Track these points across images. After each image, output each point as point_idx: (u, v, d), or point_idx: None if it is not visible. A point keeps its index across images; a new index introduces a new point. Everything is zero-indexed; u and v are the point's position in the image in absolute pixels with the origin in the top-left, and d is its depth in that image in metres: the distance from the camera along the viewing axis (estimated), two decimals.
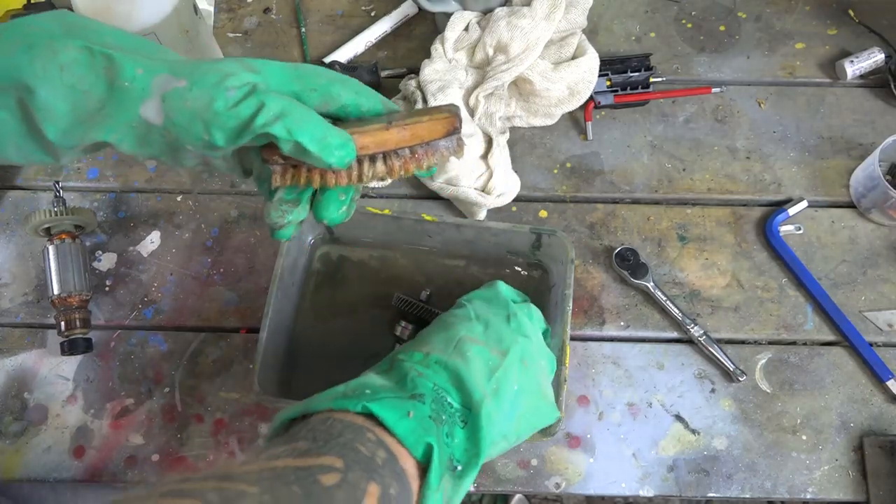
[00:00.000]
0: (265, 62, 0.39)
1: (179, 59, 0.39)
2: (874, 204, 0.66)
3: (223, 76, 0.36)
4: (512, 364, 0.45)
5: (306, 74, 0.39)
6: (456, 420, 0.41)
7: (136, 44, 0.40)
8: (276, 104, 0.36)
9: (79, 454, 0.60)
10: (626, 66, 0.71)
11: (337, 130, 0.37)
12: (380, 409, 0.39)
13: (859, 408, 0.61)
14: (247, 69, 0.38)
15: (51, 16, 0.39)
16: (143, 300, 0.65)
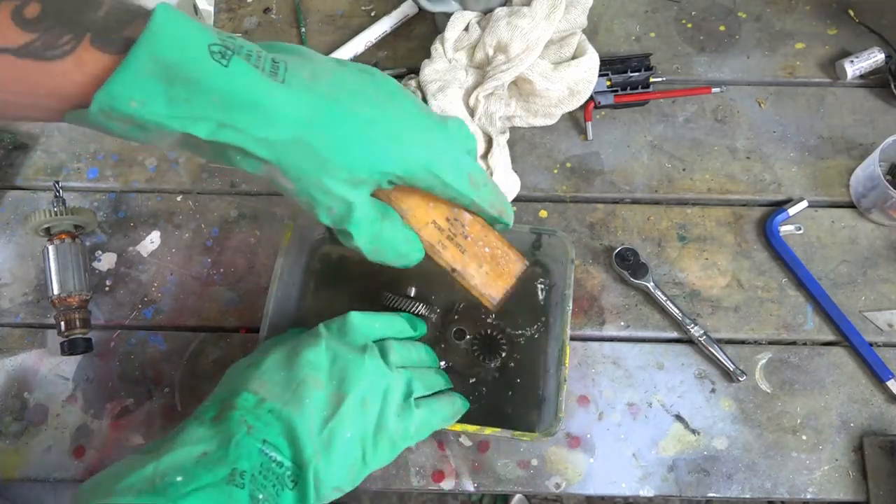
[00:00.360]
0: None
1: (290, 140, 0.38)
2: (874, 204, 0.66)
3: (327, 195, 0.40)
4: (349, 410, 0.43)
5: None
6: (285, 482, 0.40)
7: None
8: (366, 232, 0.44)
9: (79, 454, 0.60)
10: (626, 66, 0.71)
11: (414, 257, 0.47)
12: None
13: (859, 408, 0.61)
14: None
15: None
16: (142, 300, 0.65)
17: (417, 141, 0.41)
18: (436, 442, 0.60)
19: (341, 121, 0.39)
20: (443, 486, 0.59)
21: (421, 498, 1.31)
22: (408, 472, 0.60)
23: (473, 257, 0.49)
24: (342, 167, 0.39)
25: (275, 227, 0.67)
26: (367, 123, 0.39)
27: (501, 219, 0.48)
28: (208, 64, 0.34)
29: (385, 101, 0.41)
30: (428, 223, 0.47)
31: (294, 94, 0.37)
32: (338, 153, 0.38)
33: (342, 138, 0.38)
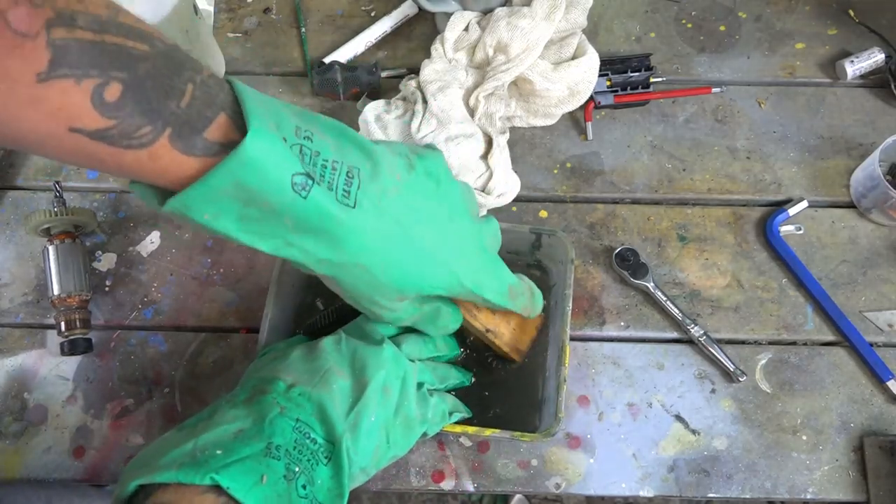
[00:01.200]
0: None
1: (350, 264, 0.40)
2: (874, 204, 0.66)
3: (373, 305, 0.44)
4: (372, 396, 0.45)
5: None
6: (319, 458, 0.41)
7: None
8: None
9: (79, 454, 0.60)
10: (626, 66, 0.71)
11: (453, 325, 0.51)
12: (229, 480, 0.37)
13: (859, 408, 0.61)
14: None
15: None
16: (142, 300, 0.65)
17: (464, 268, 0.44)
18: (436, 442, 0.60)
19: (401, 249, 0.40)
20: (443, 486, 0.59)
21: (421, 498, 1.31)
22: (408, 472, 0.60)
23: (503, 317, 0.54)
24: (394, 290, 0.42)
25: None
26: (424, 254, 0.42)
27: (525, 315, 0.53)
28: (289, 196, 0.34)
29: (446, 223, 0.43)
30: None
31: (362, 221, 0.38)
32: (393, 279, 0.41)
33: (399, 266, 0.41)
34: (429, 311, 0.48)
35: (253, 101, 0.34)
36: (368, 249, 0.39)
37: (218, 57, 0.71)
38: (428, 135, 0.63)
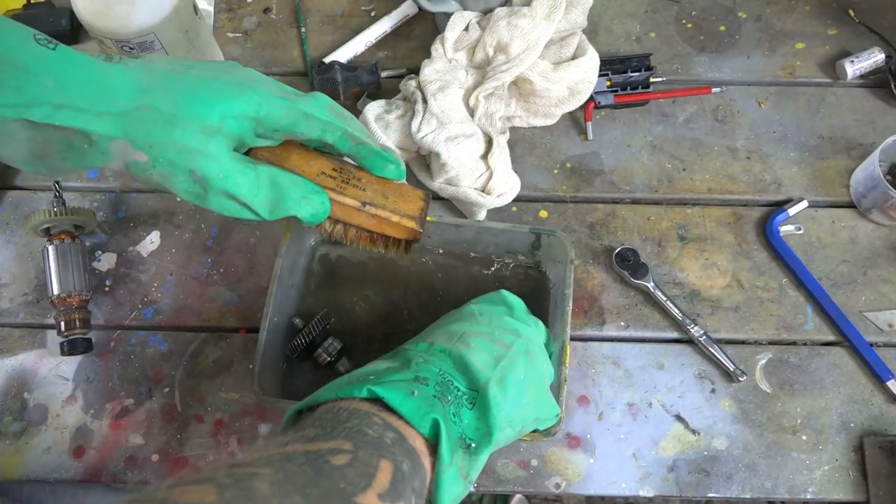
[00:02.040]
0: (226, 109, 0.39)
1: (133, 108, 0.37)
2: (874, 204, 0.66)
3: (183, 154, 0.38)
4: (517, 355, 0.45)
5: (262, 117, 0.40)
6: (463, 402, 0.41)
7: (87, 88, 0.38)
8: (234, 187, 0.40)
9: (79, 454, 0.60)
10: (626, 66, 0.71)
11: (317, 199, 0.43)
12: (384, 391, 0.39)
13: (859, 408, 0.61)
14: (204, 132, 0.38)
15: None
16: (142, 300, 0.65)
17: (266, 85, 0.40)
18: None
19: (182, 80, 0.38)
20: None
21: None
22: None
23: (375, 193, 0.46)
24: (191, 118, 0.37)
25: (274, 228, 0.67)
26: (209, 80, 0.39)
27: (386, 154, 0.44)
28: (35, 48, 0.35)
29: (227, 69, 0.41)
30: (318, 174, 0.44)
31: (129, 71, 0.37)
32: (183, 108, 0.37)
33: (185, 93, 0.37)
34: (269, 175, 0.41)
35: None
36: (145, 88, 0.37)
37: (218, 57, 0.71)
38: (428, 134, 0.63)
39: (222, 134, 0.38)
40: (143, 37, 0.58)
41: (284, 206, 0.41)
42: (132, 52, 0.60)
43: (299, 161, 0.44)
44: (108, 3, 0.57)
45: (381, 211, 0.45)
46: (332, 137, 0.42)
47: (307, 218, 0.43)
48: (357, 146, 0.43)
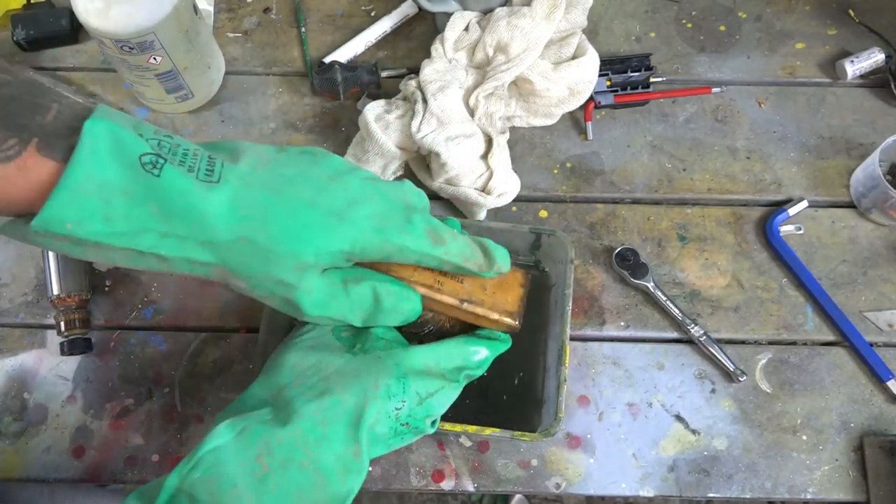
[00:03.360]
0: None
1: (233, 240, 0.37)
2: (874, 204, 0.66)
3: (279, 286, 0.39)
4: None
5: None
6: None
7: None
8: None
9: (79, 454, 0.60)
10: (626, 66, 0.71)
11: (407, 306, 0.43)
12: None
13: (859, 408, 0.61)
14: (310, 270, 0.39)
15: None
16: (142, 300, 0.65)
17: (362, 213, 0.39)
18: (436, 442, 0.60)
19: (280, 210, 0.38)
20: (443, 486, 0.59)
21: (421, 498, 1.31)
22: (408, 472, 0.60)
23: (474, 285, 0.45)
24: (287, 256, 0.38)
25: None
26: (306, 207, 0.38)
27: (483, 272, 0.44)
28: (142, 177, 0.34)
29: (327, 181, 0.40)
30: (414, 269, 0.44)
31: (230, 192, 0.37)
32: (280, 244, 0.37)
33: (282, 228, 0.37)
34: (360, 293, 0.41)
35: (107, 108, 0.35)
36: (245, 218, 0.37)
37: (218, 57, 0.71)
38: (428, 134, 0.63)
39: (316, 268, 0.39)
40: (143, 37, 0.58)
41: (376, 319, 0.43)
42: (132, 52, 0.60)
43: (397, 265, 0.43)
44: (108, 3, 0.57)
45: (480, 308, 0.45)
46: (430, 265, 0.42)
47: (398, 324, 0.44)
48: (455, 269, 0.43)
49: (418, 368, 0.42)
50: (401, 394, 0.41)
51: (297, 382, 0.41)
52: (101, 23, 0.57)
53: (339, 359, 0.42)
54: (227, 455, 0.37)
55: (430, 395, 0.42)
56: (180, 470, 0.36)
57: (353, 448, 0.39)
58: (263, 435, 0.37)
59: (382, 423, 0.40)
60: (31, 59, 0.74)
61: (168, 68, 0.63)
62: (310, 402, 0.39)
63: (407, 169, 0.69)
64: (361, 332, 0.44)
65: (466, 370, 0.44)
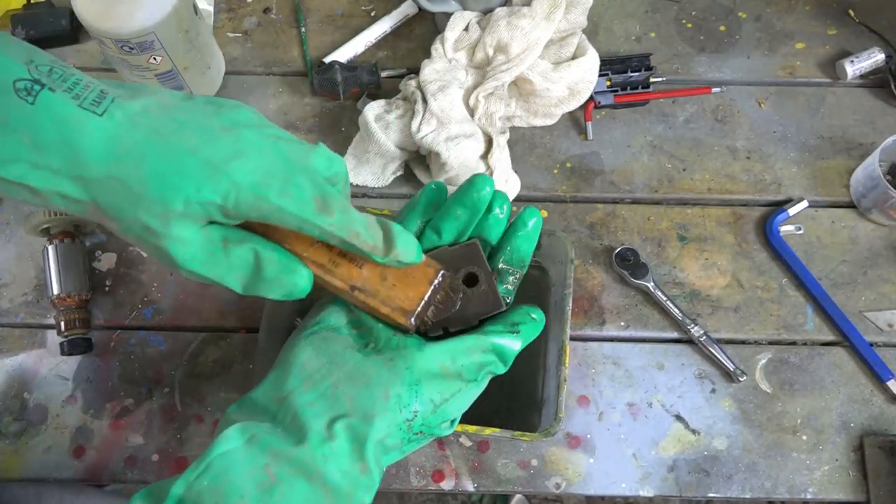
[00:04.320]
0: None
1: (104, 178, 0.35)
2: (874, 204, 0.66)
3: (148, 233, 0.36)
4: None
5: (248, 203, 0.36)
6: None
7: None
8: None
9: (79, 454, 0.60)
10: (626, 66, 0.71)
11: (290, 279, 0.38)
12: None
13: (859, 408, 0.61)
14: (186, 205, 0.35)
15: None
16: (142, 300, 0.65)
17: (244, 167, 0.36)
18: (436, 442, 0.60)
19: (156, 154, 0.35)
20: (443, 486, 0.59)
21: (421, 498, 1.31)
22: (408, 472, 0.60)
23: (373, 273, 0.40)
24: (155, 201, 0.35)
25: None
26: (184, 154, 0.36)
27: (375, 256, 0.38)
28: (14, 101, 0.33)
29: (219, 131, 0.37)
30: (311, 245, 0.40)
31: (111, 128, 0.35)
32: (149, 188, 0.35)
33: (154, 172, 0.35)
34: (240, 255, 0.38)
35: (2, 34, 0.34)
36: (120, 156, 0.35)
37: (218, 57, 0.71)
38: (428, 134, 0.63)
39: (187, 217, 0.36)
40: (143, 37, 0.58)
41: (256, 287, 0.39)
42: (132, 52, 0.60)
43: (295, 233, 0.39)
44: (108, 3, 0.57)
45: (371, 300, 0.40)
46: (312, 234, 0.38)
47: (278, 297, 0.39)
48: (342, 245, 0.38)
49: (433, 371, 0.38)
50: (412, 403, 0.38)
51: (305, 387, 0.38)
52: (101, 23, 0.57)
53: (350, 361, 0.39)
54: (235, 462, 0.36)
55: (445, 401, 0.39)
56: (188, 476, 0.35)
57: (359, 465, 0.37)
58: (272, 444, 0.36)
59: (393, 435, 0.38)
60: None
61: (168, 68, 0.63)
62: (317, 415, 0.37)
63: (407, 169, 0.69)
64: (373, 330, 0.40)
65: (488, 367, 0.40)
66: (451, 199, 0.43)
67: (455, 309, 0.41)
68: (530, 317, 0.41)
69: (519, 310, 0.42)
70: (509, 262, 0.44)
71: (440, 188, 0.45)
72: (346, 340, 0.41)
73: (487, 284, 0.41)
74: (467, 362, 0.39)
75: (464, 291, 0.41)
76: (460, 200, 0.42)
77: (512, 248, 0.44)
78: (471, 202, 0.42)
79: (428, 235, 0.43)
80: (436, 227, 0.43)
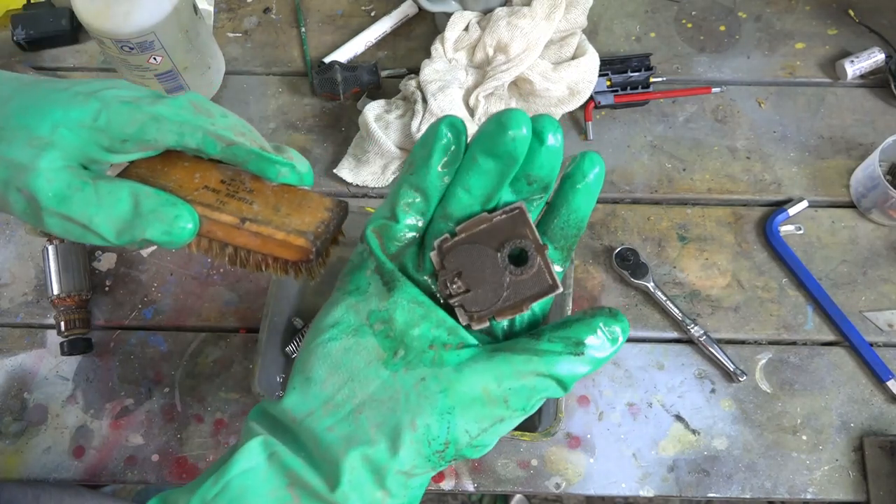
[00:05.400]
0: (56, 126, 0.34)
1: None
2: (874, 204, 0.66)
3: (10, 170, 0.33)
4: None
5: (110, 125, 0.35)
6: None
7: None
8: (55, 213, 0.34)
9: (79, 454, 0.60)
10: (626, 66, 0.71)
11: (170, 213, 0.35)
12: None
13: (859, 408, 0.61)
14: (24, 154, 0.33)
15: None
16: (142, 300, 0.65)
17: (113, 94, 0.35)
18: None
19: (24, 92, 0.35)
20: (443, 486, 0.59)
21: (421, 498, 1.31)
22: None
23: (265, 206, 0.37)
24: (19, 129, 0.33)
25: None
26: (52, 91, 0.35)
27: (268, 155, 0.36)
28: None
29: (91, 80, 0.37)
30: (198, 188, 0.37)
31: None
32: (13, 117, 0.34)
33: (20, 105, 0.34)
34: (113, 191, 0.35)
35: None
36: None
37: (218, 57, 0.71)
38: None
39: (56, 147, 0.33)
40: (143, 37, 0.58)
41: (132, 227, 0.35)
42: (132, 52, 0.60)
43: (180, 174, 0.38)
44: (108, 3, 0.57)
45: (264, 227, 0.37)
46: (194, 141, 0.35)
47: (158, 238, 0.35)
48: (228, 148, 0.35)
49: (472, 396, 0.31)
50: (444, 435, 0.32)
51: (325, 409, 0.34)
52: (101, 23, 0.57)
53: (375, 379, 0.33)
54: (256, 482, 0.32)
55: (483, 431, 0.32)
56: (204, 494, 0.32)
57: (380, 493, 0.32)
58: (294, 467, 0.33)
59: (421, 466, 0.32)
60: (31, 58, 0.74)
61: (168, 68, 0.63)
62: (337, 443, 0.33)
63: None
64: (404, 335, 0.33)
65: (542, 394, 0.32)
66: (474, 144, 0.32)
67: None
68: (605, 332, 0.31)
69: (592, 320, 0.32)
70: (565, 227, 0.34)
71: (455, 127, 0.32)
72: (370, 349, 0.34)
73: (541, 261, 0.32)
74: (516, 386, 0.31)
75: (511, 272, 0.33)
76: (487, 148, 0.31)
77: (569, 207, 0.33)
78: (504, 150, 0.31)
79: (457, 195, 0.33)
80: (465, 184, 0.33)
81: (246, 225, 0.37)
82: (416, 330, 0.33)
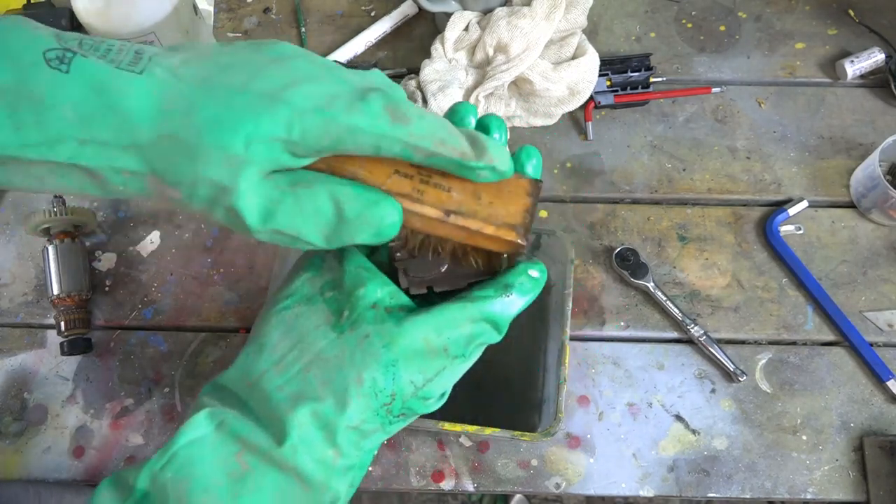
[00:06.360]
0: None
1: (156, 139, 0.32)
2: (874, 204, 0.66)
3: (214, 190, 0.32)
4: None
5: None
6: None
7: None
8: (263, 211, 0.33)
9: (78, 454, 0.60)
10: (626, 66, 0.71)
11: (377, 213, 0.33)
12: None
13: (859, 408, 0.61)
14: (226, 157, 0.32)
15: None
16: (142, 300, 0.65)
17: (302, 93, 0.32)
18: (436, 442, 0.60)
19: (205, 99, 0.32)
20: (443, 486, 0.59)
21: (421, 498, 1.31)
22: (408, 472, 0.60)
23: (465, 193, 0.35)
24: (213, 148, 0.31)
25: None
26: (235, 93, 0.32)
27: (468, 162, 0.33)
28: (46, 73, 0.30)
29: (267, 64, 0.33)
30: (389, 175, 0.35)
31: (154, 84, 0.32)
32: (204, 135, 0.31)
33: (206, 117, 0.32)
34: (314, 197, 0.33)
35: (18, 17, 0.32)
36: (165, 113, 0.31)
37: None
38: None
39: (252, 163, 0.32)
40: (143, 37, 0.58)
41: (339, 233, 0.34)
42: None
43: (365, 161, 0.35)
44: (108, 3, 0.57)
45: (472, 221, 0.34)
46: (392, 153, 0.33)
47: (369, 241, 0.34)
48: (429, 159, 0.33)
49: (413, 348, 0.34)
50: (389, 387, 0.34)
51: (276, 369, 0.36)
52: (102, 23, 0.57)
53: (322, 339, 0.36)
54: (203, 451, 0.33)
55: (428, 381, 0.35)
56: (152, 466, 0.33)
57: (331, 451, 0.34)
58: (242, 432, 0.34)
59: (370, 420, 0.35)
60: None
61: None
62: (286, 401, 0.34)
63: None
64: (349, 295, 0.36)
65: (479, 339, 0.35)
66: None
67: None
68: (528, 275, 0.36)
69: (515, 267, 0.36)
70: None
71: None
72: (319, 314, 0.37)
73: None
74: (454, 335, 0.35)
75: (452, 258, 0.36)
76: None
77: None
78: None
79: None
80: None
81: (451, 218, 0.34)
82: (360, 290, 0.36)
